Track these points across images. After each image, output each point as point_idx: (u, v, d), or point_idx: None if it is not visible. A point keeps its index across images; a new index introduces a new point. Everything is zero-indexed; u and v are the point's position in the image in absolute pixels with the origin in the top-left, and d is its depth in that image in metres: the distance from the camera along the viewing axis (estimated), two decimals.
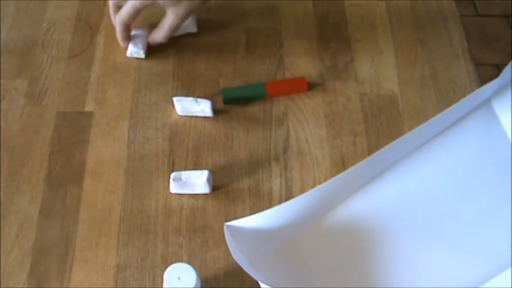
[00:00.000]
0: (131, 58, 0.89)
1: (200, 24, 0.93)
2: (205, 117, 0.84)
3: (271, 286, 0.61)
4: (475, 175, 0.74)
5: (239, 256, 0.65)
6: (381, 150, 0.72)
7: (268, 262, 0.69)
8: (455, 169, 0.75)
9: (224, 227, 0.67)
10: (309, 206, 0.70)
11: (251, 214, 0.76)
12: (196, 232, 0.75)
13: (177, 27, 0.88)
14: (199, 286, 0.66)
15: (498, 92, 0.76)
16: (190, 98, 0.83)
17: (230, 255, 0.73)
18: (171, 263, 0.67)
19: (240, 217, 0.74)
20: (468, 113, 0.76)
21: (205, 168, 0.79)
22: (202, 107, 0.83)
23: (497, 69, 1.92)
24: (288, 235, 0.71)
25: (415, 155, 0.75)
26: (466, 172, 0.75)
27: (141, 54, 0.89)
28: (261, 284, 0.64)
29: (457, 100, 0.86)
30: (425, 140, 0.75)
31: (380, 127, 0.84)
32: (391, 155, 0.74)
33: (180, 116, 0.85)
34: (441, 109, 0.85)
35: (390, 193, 0.74)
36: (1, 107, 0.85)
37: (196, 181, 0.76)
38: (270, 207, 0.76)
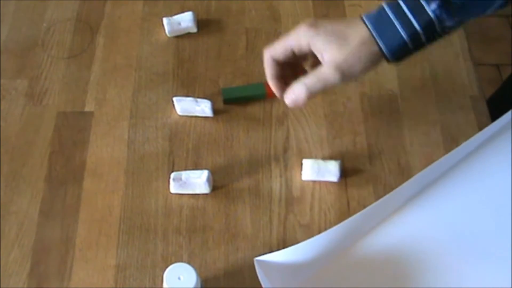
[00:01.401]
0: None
1: (200, 24, 0.93)
2: (205, 117, 0.84)
3: None
4: (506, 195, 0.75)
5: None
6: (412, 178, 0.73)
7: None
8: (487, 191, 0.75)
9: (255, 262, 0.67)
10: (339, 238, 0.70)
11: (251, 213, 0.76)
12: (196, 232, 0.75)
13: (331, 87, 0.71)
14: (199, 286, 0.66)
15: None
16: (190, 98, 0.83)
17: (230, 255, 0.73)
18: (171, 263, 0.67)
19: (241, 218, 0.75)
20: (494, 135, 0.78)
21: (205, 168, 0.79)
22: (202, 107, 0.83)
23: (497, 69, 1.92)
24: (319, 267, 0.71)
25: (445, 180, 0.76)
26: (498, 193, 0.75)
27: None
28: None
29: (457, 100, 0.86)
30: (455, 164, 0.76)
31: (380, 127, 0.84)
32: (420, 181, 0.74)
33: (180, 116, 0.85)
34: (441, 109, 0.86)
35: (422, 218, 0.74)
36: (1, 107, 0.85)
37: (196, 181, 0.76)
38: (270, 207, 0.77)
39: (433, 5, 0.67)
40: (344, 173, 0.79)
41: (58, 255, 0.73)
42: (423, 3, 0.67)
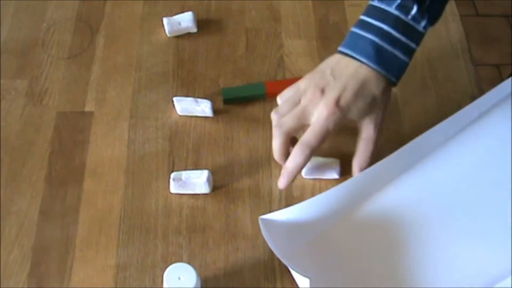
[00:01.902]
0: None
1: (200, 24, 0.93)
2: (205, 117, 0.84)
3: (307, 276, 0.62)
4: (505, 168, 0.72)
5: (275, 247, 0.65)
6: (410, 143, 0.72)
7: (301, 255, 0.69)
8: (483, 163, 0.73)
9: (259, 221, 0.67)
10: (341, 199, 0.70)
11: (251, 213, 0.76)
12: (196, 232, 0.75)
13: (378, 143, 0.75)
14: (199, 286, 0.66)
15: None
16: (190, 98, 0.83)
17: (230, 255, 0.73)
18: (171, 263, 0.67)
19: (241, 218, 0.75)
20: (494, 107, 0.75)
21: (205, 168, 0.79)
22: (202, 107, 0.83)
23: (497, 69, 1.92)
24: (321, 229, 0.71)
25: (443, 149, 0.74)
26: (496, 166, 0.72)
27: None
28: (296, 278, 0.65)
29: (457, 100, 0.86)
30: (453, 133, 0.74)
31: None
32: (420, 148, 0.73)
33: (180, 116, 0.85)
34: (441, 109, 0.85)
35: (419, 186, 0.72)
36: (1, 107, 0.85)
37: (196, 181, 0.76)
38: (270, 207, 0.77)
39: (423, 23, 0.70)
40: (344, 173, 0.79)
41: (58, 255, 0.73)
42: (414, 24, 0.70)
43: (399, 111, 0.86)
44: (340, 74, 0.73)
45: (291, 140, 0.75)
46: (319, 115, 0.72)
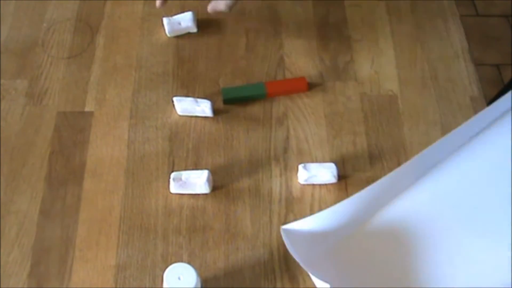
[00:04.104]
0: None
1: (200, 24, 0.93)
2: (205, 117, 0.84)
3: (327, 281, 0.64)
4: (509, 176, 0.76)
5: (297, 256, 0.67)
6: (418, 155, 0.74)
7: (321, 262, 0.71)
8: (490, 172, 0.77)
9: (281, 231, 0.69)
10: (357, 209, 0.72)
11: (251, 213, 0.76)
12: (196, 232, 0.75)
13: None
14: (199, 286, 0.66)
15: None
16: (190, 98, 0.83)
17: (230, 255, 0.73)
18: (171, 263, 0.67)
19: (241, 218, 0.75)
20: (498, 118, 0.79)
21: (205, 168, 0.79)
22: (202, 107, 0.83)
23: (497, 69, 1.92)
24: (338, 237, 0.73)
25: (451, 159, 0.77)
26: (502, 173, 0.76)
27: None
28: (317, 284, 0.67)
29: (457, 100, 0.86)
30: (458, 145, 0.77)
31: (380, 127, 0.84)
32: (428, 160, 0.76)
33: (180, 116, 0.85)
34: (441, 109, 0.86)
35: (431, 195, 0.75)
36: (1, 107, 0.85)
37: (196, 181, 0.76)
38: (270, 207, 0.77)
39: None
40: (344, 173, 0.79)
41: (58, 255, 0.73)
42: None
43: (399, 111, 0.86)
44: None
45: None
46: None
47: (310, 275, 0.67)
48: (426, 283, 0.70)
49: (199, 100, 0.83)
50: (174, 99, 0.84)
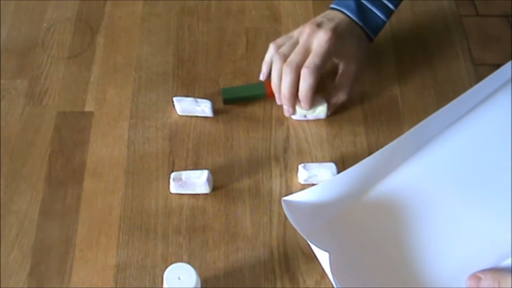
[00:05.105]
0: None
1: (200, 23, 0.93)
2: (205, 117, 0.84)
3: (326, 250, 0.64)
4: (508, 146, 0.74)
5: (297, 225, 0.67)
6: (417, 126, 0.73)
7: (320, 233, 0.71)
8: (489, 142, 0.75)
9: (282, 202, 0.69)
10: (356, 179, 0.72)
11: (251, 213, 0.76)
12: (196, 232, 0.75)
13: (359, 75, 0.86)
14: (199, 286, 0.66)
15: None
16: (190, 98, 0.83)
17: (230, 255, 0.73)
18: (171, 263, 0.67)
19: (241, 217, 0.74)
20: (498, 89, 0.78)
21: (205, 168, 0.79)
22: (202, 107, 0.83)
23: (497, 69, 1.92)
24: (338, 209, 0.72)
25: (449, 130, 0.75)
26: (501, 144, 0.74)
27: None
28: (316, 253, 0.67)
29: None
30: (457, 116, 0.76)
31: (380, 127, 0.84)
32: (427, 131, 0.75)
33: (180, 116, 0.85)
34: None
35: (428, 166, 0.74)
36: (1, 107, 0.85)
37: (196, 181, 0.76)
38: (270, 207, 0.77)
39: None
40: None
41: (58, 255, 0.73)
42: None
43: (399, 111, 0.86)
44: (332, 18, 0.83)
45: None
46: (320, 41, 0.80)
47: (310, 244, 0.67)
48: (423, 258, 0.70)
49: (199, 100, 0.83)
50: (174, 99, 0.84)
